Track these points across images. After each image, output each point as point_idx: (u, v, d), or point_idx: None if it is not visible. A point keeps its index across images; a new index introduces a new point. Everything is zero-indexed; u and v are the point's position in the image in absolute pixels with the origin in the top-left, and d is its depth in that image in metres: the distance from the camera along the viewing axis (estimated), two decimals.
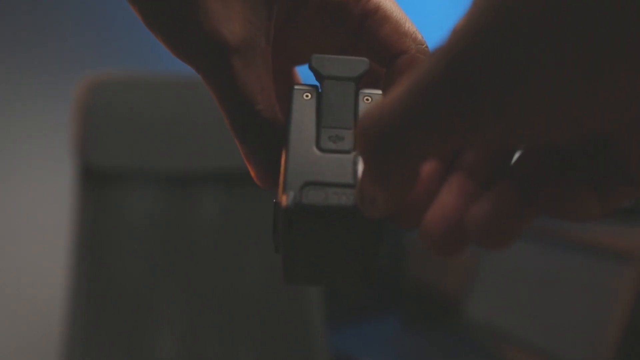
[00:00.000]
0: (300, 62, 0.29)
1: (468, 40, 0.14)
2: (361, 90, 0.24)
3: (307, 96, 0.24)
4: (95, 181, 0.92)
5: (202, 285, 0.94)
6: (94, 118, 0.91)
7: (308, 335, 0.95)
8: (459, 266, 1.37)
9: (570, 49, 0.13)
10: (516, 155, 0.20)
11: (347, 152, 0.22)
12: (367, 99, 0.24)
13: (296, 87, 0.25)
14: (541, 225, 1.18)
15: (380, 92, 0.25)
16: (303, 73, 0.29)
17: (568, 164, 0.18)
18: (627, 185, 0.17)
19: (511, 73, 0.14)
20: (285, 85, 0.27)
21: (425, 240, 0.19)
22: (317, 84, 0.25)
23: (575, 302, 1.07)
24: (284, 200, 0.21)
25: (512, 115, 0.14)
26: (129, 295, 0.91)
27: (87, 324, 0.87)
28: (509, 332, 1.18)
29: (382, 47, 0.26)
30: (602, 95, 0.13)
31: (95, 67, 1.06)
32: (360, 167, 0.21)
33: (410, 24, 0.26)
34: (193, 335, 0.92)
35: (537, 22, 0.13)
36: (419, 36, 0.26)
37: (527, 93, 0.14)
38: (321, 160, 0.22)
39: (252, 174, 0.26)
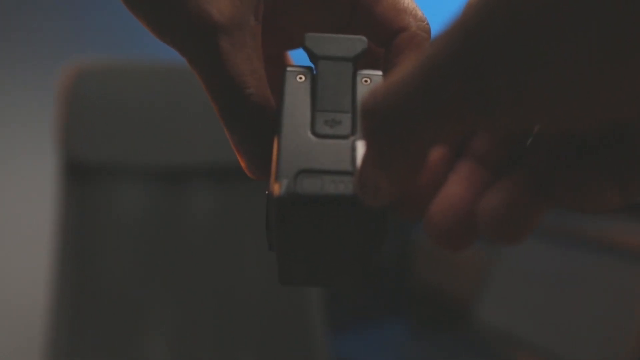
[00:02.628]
0: (293, 46, 0.29)
1: (479, 18, 0.14)
2: (359, 71, 0.24)
3: (300, 78, 0.24)
4: (81, 176, 0.91)
5: (196, 286, 0.93)
6: (79, 109, 0.91)
7: (308, 337, 0.94)
8: (469, 267, 1.37)
9: (572, 50, 0.13)
10: (529, 142, 0.19)
11: (345, 137, 0.22)
12: (366, 81, 0.24)
13: (289, 68, 0.24)
14: (555, 225, 1.18)
15: (380, 72, 0.24)
16: (297, 58, 0.29)
17: (586, 151, 0.18)
18: None
19: (515, 63, 0.14)
20: (278, 70, 0.27)
21: (431, 232, 0.19)
22: (312, 65, 0.24)
23: (591, 305, 1.06)
24: (277, 189, 0.21)
25: (519, 101, 0.14)
26: (117, 297, 0.90)
27: (73, 327, 0.87)
28: (522, 337, 1.17)
29: (380, 25, 0.25)
30: (604, 96, 0.14)
31: (80, 54, 1.06)
32: (359, 153, 0.21)
33: (409, 0, 0.25)
34: (188, 338, 0.92)
35: (537, 21, 0.13)
36: (419, 12, 0.26)
37: (530, 84, 0.14)
38: (317, 146, 0.22)
39: (242, 164, 0.25)
